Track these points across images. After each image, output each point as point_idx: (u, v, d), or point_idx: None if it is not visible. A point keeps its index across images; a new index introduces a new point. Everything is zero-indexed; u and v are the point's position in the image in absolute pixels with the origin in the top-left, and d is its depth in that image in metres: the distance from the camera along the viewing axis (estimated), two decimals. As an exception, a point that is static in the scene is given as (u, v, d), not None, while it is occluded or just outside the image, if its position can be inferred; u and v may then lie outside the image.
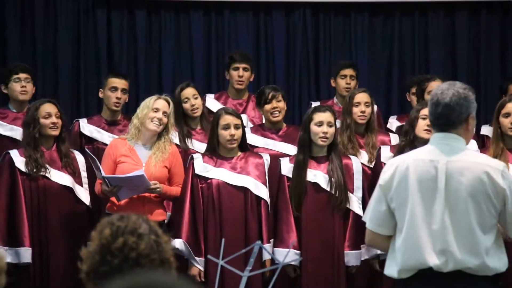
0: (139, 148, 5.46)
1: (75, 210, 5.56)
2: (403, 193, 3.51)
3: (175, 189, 5.47)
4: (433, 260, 3.47)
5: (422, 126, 5.36)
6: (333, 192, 5.33)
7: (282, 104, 5.97)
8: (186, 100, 6.00)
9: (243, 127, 5.51)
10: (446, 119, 3.56)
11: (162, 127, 5.42)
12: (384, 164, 5.43)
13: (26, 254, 5.41)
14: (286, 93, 6.23)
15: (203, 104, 6.15)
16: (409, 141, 5.38)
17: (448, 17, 7.58)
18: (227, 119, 5.38)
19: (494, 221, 3.53)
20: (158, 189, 5.31)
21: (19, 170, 5.47)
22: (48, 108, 5.51)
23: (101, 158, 5.50)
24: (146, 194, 5.37)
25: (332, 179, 5.34)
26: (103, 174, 5.25)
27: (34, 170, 5.45)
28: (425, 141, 5.45)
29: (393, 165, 3.56)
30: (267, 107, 5.95)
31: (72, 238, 5.47)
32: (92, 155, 5.43)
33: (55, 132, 5.52)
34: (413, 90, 6.49)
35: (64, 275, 5.45)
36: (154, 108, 5.40)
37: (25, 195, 5.46)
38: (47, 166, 5.49)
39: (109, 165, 5.41)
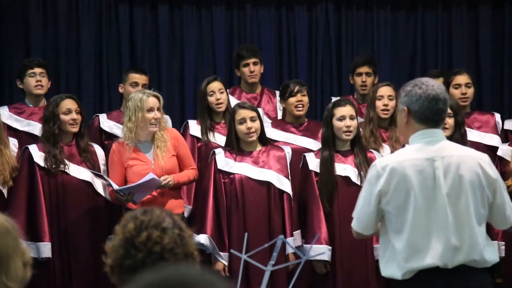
0: (141, 146, 5.44)
1: (94, 204, 5.57)
2: (402, 195, 3.50)
3: (186, 174, 5.47)
4: (439, 259, 3.47)
5: None
6: (363, 186, 5.32)
7: (306, 99, 5.98)
8: (212, 93, 6.00)
9: (261, 119, 5.50)
10: (444, 115, 3.56)
11: (158, 123, 5.40)
12: None
13: (45, 249, 5.42)
14: (308, 88, 6.22)
15: (228, 99, 6.13)
16: None
17: (472, 11, 7.53)
18: (242, 113, 5.39)
19: (486, 213, 3.57)
20: (170, 182, 5.31)
21: (38, 165, 5.48)
22: (69, 104, 5.52)
23: None
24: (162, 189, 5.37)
25: (361, 172, 5.34)
26: (115, 187, 5.25)
27: (53, 166, 5.46)
28: None
29: (387, 168, 3.52)
30: (292, 100, 5.95)
31: (92, 232, 5.48)
32: (99, 173, 5.42)
33: (75, 129, 5.52)
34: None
35: (85, 269, 5.47)
36: (148, 108, 5.35)
37: (44, 190, 5.47)
38: (66, 161, 5.50)
39: (118, 172, 5.40)
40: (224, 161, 5.44)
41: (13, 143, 5.63)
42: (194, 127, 6.05)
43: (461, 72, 6.31)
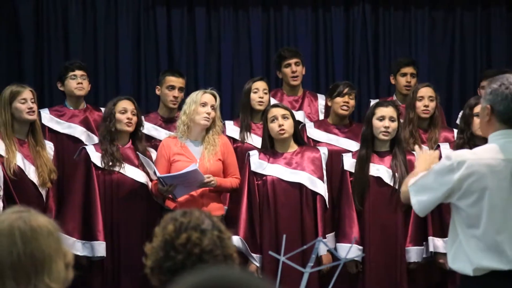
0: (191, 144, 5.50)
1: (148, 206, 5.60)
2: (475, 193, 3.41)
3: (229, 181, 5.50)
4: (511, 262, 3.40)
5: (478, 124, 5.25)
6: (396, 187, 5.31)
7: (352, 102, 6.01)
8: (256, 91, 6.01)
9: (294, 119, 5.49)
10: None
11: (211, 120, 5.45)
12: None
13: (100, 248, 5.48)
14: (357, 93, 6.21)
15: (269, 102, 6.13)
16: (467, 139, 5.29)
17: (511, 11, 7.45)
18: (273, 111, 5.44)
19: None
20: (212, 182, 5.33)
21: (95, 165, 5.55)
22: (125, 104, 5.61)
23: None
24: (203, 189, 5.40)
25: (396, 174, 5.32)
26: (158, 174, 5.30)
27: (110, 164, 5.53)
28: (484, 139, 5.36)
29: (463, 164, 3.42)
30: (339, 99, 5.95)
31: (144, 234, 5.50)
32: (144, 156, 5.47)
33: (129, 128, 5.59)
34: (484, 83, 6.31)
35: (135, 270, 5.48)
36: (202, 102, 5.45)
37: (100, 189, 5.53)
38: (122, 161, 5.57)
39: (164, 165, 5.45)
40: (257, 163, 5.46)
41: (49, 146, 5.70)
42: (231, 128, 6.07)
43: None
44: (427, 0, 7.45)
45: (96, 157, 5.56)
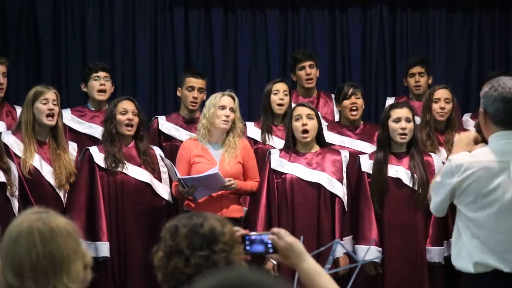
0: (211, 147, 5.52)
1: (153, 205, 5.62)
2: (472, 195, 3.45)
3: (250, 184, 5.52)
4: (507, 262, 3.42)
5: None
6: (415, 188, 5.30)
7: (360, 102, 5.97)
8: (276, 92, 6.01)
9: (319, 119, 5.50)
10: None
11: (230, 123, 5.46)
12: None
13: (103, 248, 5.48)
14: (362, 90, 6.20)
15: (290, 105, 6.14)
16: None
17: (530, 12, 7.43)
18: (298, 110, 5.44)
19: None
20: (233, 185, 5.36)
21: (98, 166, 5.55)
22: (126, 105, 5.60)
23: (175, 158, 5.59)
24: (222, 191, 5.42)
25: (415, 175, 5.31)
26: (179, 175, 5.31)
27: (113, 165, 5.54)
28: None
29: (461, 168, 3.46)
30: (346, 103, 5.94)
31: (149, 233, 5.53)
32: (167, 159, 5.50)
33: (129, 132, 5.59)
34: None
35: (141, 270, 5.51)
36: (221, 105, 5.46)
37: (103, 190, 5.54)
38: (125, 161, 5.57)
39: (184, 167, 5.47)
40: (278, 161, 5.47)
41: (73, 147, 5.71)
42: (252, 129, 6.08)
43: None
44: (445, 1, 7.43)
45: (99, 158, 5.57)
